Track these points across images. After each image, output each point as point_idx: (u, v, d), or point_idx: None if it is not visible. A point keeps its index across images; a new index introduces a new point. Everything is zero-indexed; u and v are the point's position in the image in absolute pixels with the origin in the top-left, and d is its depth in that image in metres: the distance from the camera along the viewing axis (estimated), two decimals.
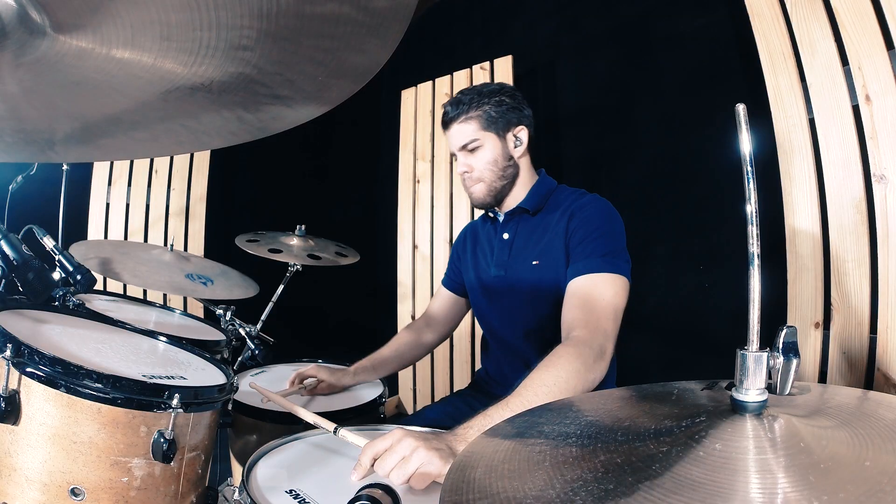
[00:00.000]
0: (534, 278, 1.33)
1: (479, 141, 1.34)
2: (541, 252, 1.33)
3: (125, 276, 1.46)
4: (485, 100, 1.35)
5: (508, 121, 1.35)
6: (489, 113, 1.34)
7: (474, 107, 1.34)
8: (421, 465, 0.80)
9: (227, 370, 1.03)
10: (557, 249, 1.29)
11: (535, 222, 1.38)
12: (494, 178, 1.36)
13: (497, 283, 1.41)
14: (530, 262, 1.34)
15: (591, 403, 0.67)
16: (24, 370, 0.75)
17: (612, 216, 1.30)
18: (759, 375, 0.51)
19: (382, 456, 0.83)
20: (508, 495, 0.46)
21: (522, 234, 1.39)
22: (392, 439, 0.84)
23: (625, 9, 2.23)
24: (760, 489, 0.41)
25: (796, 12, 1.61)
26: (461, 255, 1.59)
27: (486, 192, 1.37)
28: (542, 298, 1.32)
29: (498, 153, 1.35)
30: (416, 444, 0.82)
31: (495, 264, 1.42)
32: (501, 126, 1.35)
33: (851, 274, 1.51)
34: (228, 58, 0.42)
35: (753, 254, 0.51)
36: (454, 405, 1.48)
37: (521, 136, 1.37)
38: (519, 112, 1.37)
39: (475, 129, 1.34)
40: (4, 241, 0.89)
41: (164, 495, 0.82)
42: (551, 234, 1.32)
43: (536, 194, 1.39)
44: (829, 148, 1.55)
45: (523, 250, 1.37)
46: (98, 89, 0.46)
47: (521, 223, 1.40)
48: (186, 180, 2.68)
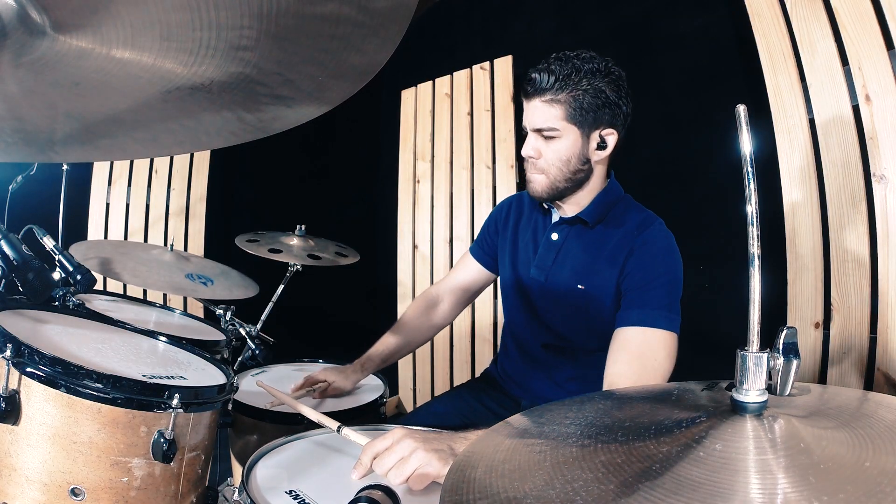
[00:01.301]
0: (574, 300, 1.23)
1: (560, 132, 1.16)
2: (589, 275, 1.22)
3: (125, 276, 1.46)
4: (583, 82, 1.13)
5: (600, 118, 1.16)
6: (580, 101, 1.14)
7: (568, 89, 1.13)
8: (419, 465, 0.80)
9: (227, 370, 1.03)
10: (608, 281, 1.18)
11: (591, 235, 1.24)
12: (560, 178, 1.19)
13: (533, 286, 1.31)
14: (575, 283, 1.23)
15: (591, 403, 0.67)
16: (24, 370, 0.75)
17: (675, 260, 1.18)
18: (759, 376, 0.51)
19: (381, 455, 0.82)
20: (508, 495, 0.46)
21: (573, 242, 1.26)
22: (392, 439, 0.84)
23: (625, 9, 2.23)
24: (760, 489, 0.41)
25: (796, 12, 1.61)
26: (500, 229, 1.44)
27: (546, 187, 1.21)
28: (578, 325, 1.25)
29: (574, 152, 1.17)
30: (416, 446, 0.82)
31: (536, 265, 1.30)
32: (590, 122, 1.15)
33: (851, 274, 1.51)
34: (228, 58, 0.42)
35: (753, 254, 0.51)
36: (464, 399, 1.43)
37: (608, 139, 1.19)
38: (616, 109, 1.17)
39: (559, 115, 1.15)
40: (4, 241, 0.89)
41: (164, 495, 0.82)
42: (605, 259, 1.20)
43: (600, 205, 1.24)
44: (829, 148, 1.55)
45: (570, 263, 1.25)
46: (98, 89, 0.46)
47: (574, 229, 1.27)
48: (186, 180, 2.68)
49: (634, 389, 0.70)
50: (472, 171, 2.61)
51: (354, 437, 0.91)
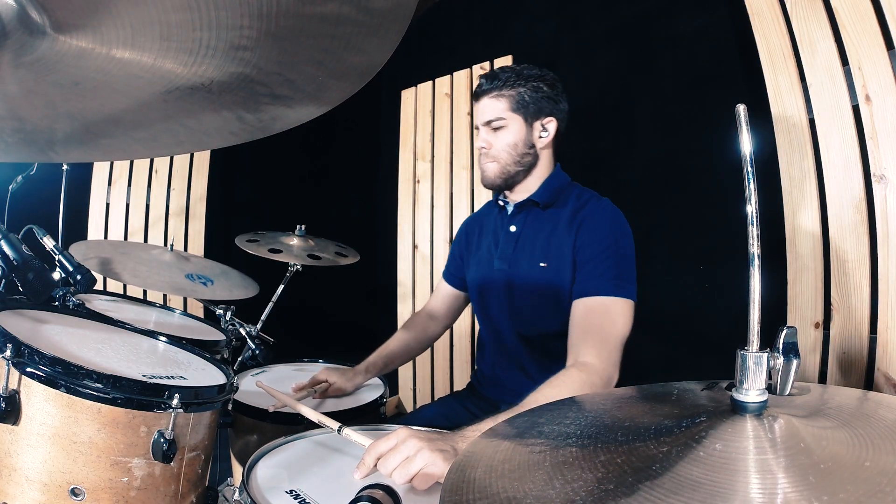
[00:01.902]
0: (539, 280, 1.31)
1: (505, 121, 1.31)
2: (549, 254, 1.31)
3: (125, 276, 1.46)
4: (522, 81, 1.31)
5: (540, 108, 1.32)
6: (522, 96, 1.31)
7: (509, 86, 1.31)
8: (424, 465, 0.80)
9: (227, 370, 1.03)
10: (566, 256, 1.27)
11: (545, 218, 1.35)
12: (510, 162, 1.33)
13: (499, 276, 1.38)
14: (537, 262, 1.32)
15: (591, 403, 0.67)
16: (24, 370, 0.75)
17: (622, 230, 1.28)
18: (759, 376, 0.51)
19: (386, 455, 0.82)
20: (508, 495, 0.46)
21: (530, 228, 1.37)
22: (396, 439, 0.84)
23: (625, 9, 2.23)
24: (760, 489, 0.41)
25: (796, 12, 1.61)
26: (465, 246, 1.56)
27: (498, 172, 1.34)
28: (544, 301, 1.30)
29: (520, 138, 1.32)
30: (421, 445, 0.82)
31: (499, 257, 1.40)
32: (532, 112, 1.32)
33: (851, 274, 1.51)
34: (228, 58, 0.42)
35: (753, 254, 0.51)
36: (449, 406, 1.48)
37: (549, 126, 1.34)
38: (553, 103, 1.34)
39: (504, 107, 1.31)
40: (4, 241, 0.89)
41: (164, 495, 0.82)
42: (560, 236, 1.30)
43: (548, 188, 1.37)
44: (829, 148, 1.55)
45: (530, 246, 1.35)
46: (98, 89, 0.46)
47: (530, 217, 1.38)
48: (186, 180, 2.68)
49: (634, 389, 0.70)
50: (472, 171, 2.61)
51: (355, 438, 0.91)
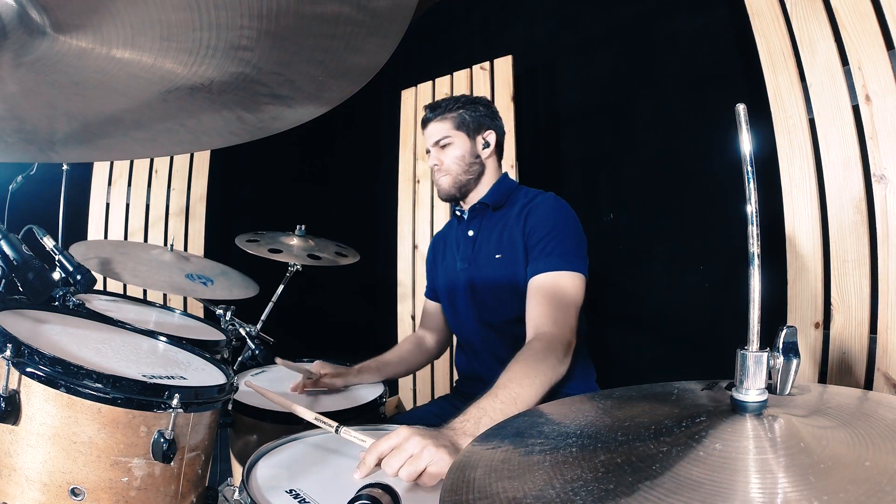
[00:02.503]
0: (497, 271, 1.43)
1: (451, 138, 1.50)
2: (502, 247, 1.43)
3: (125, 276, 1.46)
4: (460, 104, 1.52)
5: (480, 124, 1.52)
6: (463, 116, 1.51)
7: (450, 110, 1.51)
8: (430, 462, 0.80)
9: (227, 370, 1.03)
10: (517, 245, 1.39)
11: (497, 218, 1.49)
12: (460, 172, 1.50)
13: (462, 276, 1.51)
14: (493, 255, 1.44)
15: (591, 403, 0.67)
16: (24, 370, 0.75)
17: (566, 214, 1.41)
18: (759, 375, 0.51)
19: (390, 454, 0.82)
20: (508, 495, 0.46)
21: (485, 229, 1.51)
22: (398, 438, 0.83)
23: (625, 9, 2.23)
24: (760, 489, 0.41)
25: (796, 12, 1.61)
26: (432, 261, 1.71)
27: (451, 183, 1.51)
28: (504, 290, 1.41)
29: (466, 150, 1.50)
30: (425, 443, 0.82)
31: (461, 259, 1.53)
32: (473, 128, 1.51)
33: (851, 274, 1.51)
34: (228, 58, 0.42)
35: (753, 254, 0.51)
36: (438, 405, 1.55)
37: (489, 139, 1.53)
38: (491, 120, 1.54)
39: (448, 127, 1.51)
40: (4, 241, 0.89)
41: (164, 495, 0.82)
42: (511, 229, 1.42)
43: (497, 191, 1.53)
44: (829, 148, 1.55)
45: (486, 244, 1.48)
46: (98, 89, 0.46)
47: (485, 220, 1.52)
48: (186, 180, 2.68)
49: (634, 389, 0.70)
50: None
51: (354, 437, 0.91)
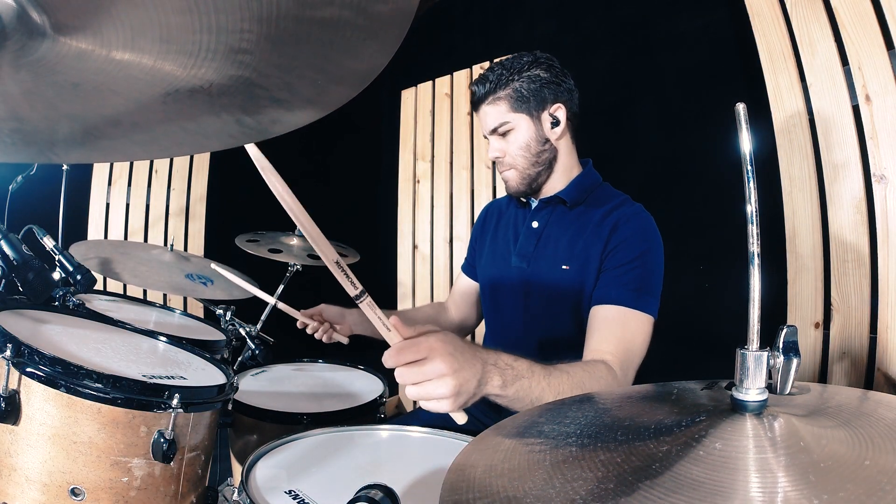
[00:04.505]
0: (560, 283, 1.20)
1: (511, 124, 1.21)
2: (574, 255, 1.20)
3: (125, 276, 1.46)
4: (514, 76, 1.20)
5: (543, 98, 1.21)
6: (520, 91, 1.20)
7: (503, 85, 1.20)
8: (441, 395, 0.74)
9: (227, 370, 1.03)
10: (593, 257, 1.17)
11: (572, 217, 1.24)
12: (528, 165, 1.23)
13: (516, 275, 1.28)
14: (559, 264, 1.21)
15: (590, 403, 0.67)
16: (24, 370, 0.75)
17: (655, 240, 1.18)
18: (759, 375, 0.51)
19: (409, 366, 0.74)
20: (508, 495, 0.46)
21: (555, 227, 1.26)
22: (427, 353, 0.74)
23: (625, 9, 2.23)
24: (760, 488, 0.41)
25: (796, 12, 1.61)
26: (479, 234, 1.46)
27: (519, 180, 1.25)
28: (563, 305, 1.20)
29: (531, 136, 1.22)
30: (446, 372, 0.73)
31: (517, 253, 1.29)
32: (535, 105, 1.21)
33: (851, 274, 1.51)
34: (228, 61, 0.42)
35: (753, 254, 0.51)
36: None
37: (558, 114, 1.22)
38: (556, 86, 1.22)
39: (505, 110, 1.21)
40: (4, 241, 0.89)
41: (164, 495, 0.82)
42: (589, 236, 1.19)
43: (579, 186, 1.26)
44: (829, 148, 1.55)
45: (553, 246, 1.24)
46: (98, 91, 0.46)
47: (556, 214, 1.27)
48: (186, 180, 2.68)
49: (634, 389, 0.70)
50: (472, 171, 2.61)
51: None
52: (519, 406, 0.86)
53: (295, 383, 1.50)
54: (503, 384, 0.81)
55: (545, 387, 0.86)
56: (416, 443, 1.04)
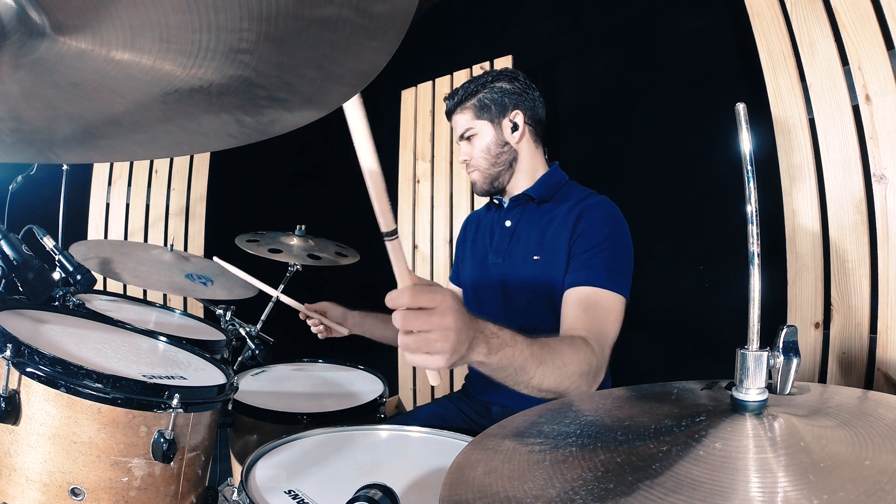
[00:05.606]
0: (533, 273, 1.30)
1: (474, 129, 1.36)
2: (543, 247, 1.29)
3: (125, 276, 1.46)
4: (479, 88, 1.36)
5: (504, 105, 1.35)
6: (482, 100, 1.35)
7: (468, 96, 1.36)
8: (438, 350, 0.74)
9: (227, 370, 1.03)
10: (561, 247, 1.25)
11: (541, 213, 1.35)
12: (488, 166, 1.37)
13: (494, 271, 1.38)
14: (531, 255, 1.31)
15: (591, 403, 0.67)
16: (24, 370, 0.75)
17: (620, 225, 1.27)
18: (759, 375, 0.51)
19: (416, 312, 0.74)
20: (508, 495, 0.46)
21: (526, 223, 1.36)
22: (437, 304, 0.74)
23: (625, 9, 2.23)
24: (760, 488, 0.41)
25: (796, 12, 1.61)
26: (461, 243, 1.57)
27: (482, 179, 1.39)
28: (538, 295, 1.28)
29: (490, 140, 1.36)
30: (447, 332, 0.74)
31: (493, 251, 1.40)
32: (496, 112, 1.35)
33: (851, 274, 1.51)
34: (227, 60, 0.42)
35: (753, 254, 0.51)
36: (443, 406, 1.47)
37: (516, 120, 1.35)
38: (517, 96, 1.36)
39: (470, 117, 1.37)
40: (4, 241, 0.89)
41: (164, 495, 0.82)
42: (556, 227, 1.28)
43: (544, 184, 1.37)
44: (829, 148, 1.55)
45: (525, 240, 1.34)
46: (97, 91, 0.46)
47: (526, 212, 1.38)
48: (186, 180, 2.68)
49: (634, 389, 0.70)
50: None
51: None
52: (502, 375, 0.87)
53: (295, 383, 1.50)
54: (488, 351, 0.83)
55: (528, 356, 0.87)
56: (416, 443, 1.04)
